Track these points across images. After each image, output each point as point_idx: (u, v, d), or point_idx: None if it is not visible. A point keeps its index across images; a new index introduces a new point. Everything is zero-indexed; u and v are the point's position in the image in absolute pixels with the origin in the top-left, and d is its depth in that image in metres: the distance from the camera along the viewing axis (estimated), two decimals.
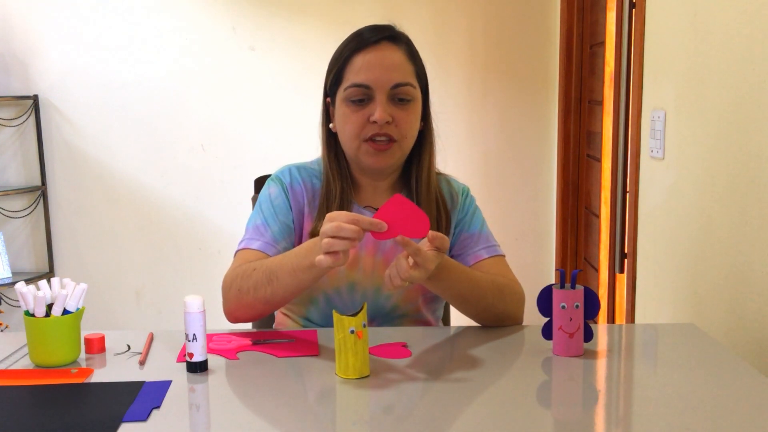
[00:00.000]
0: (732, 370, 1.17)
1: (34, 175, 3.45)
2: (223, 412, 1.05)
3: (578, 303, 1.22)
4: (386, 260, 1.44)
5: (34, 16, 3.35)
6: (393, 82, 1.36)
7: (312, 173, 1.49)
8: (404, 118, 1.38)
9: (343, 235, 1.14)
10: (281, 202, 1.45)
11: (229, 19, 3.34)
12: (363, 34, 1.40)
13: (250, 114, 3.41)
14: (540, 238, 3.45)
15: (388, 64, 1.37)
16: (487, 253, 1.47)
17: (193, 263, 3.48)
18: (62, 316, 1.21)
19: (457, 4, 3.32)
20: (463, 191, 1.53)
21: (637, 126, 2.06)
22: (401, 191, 1.48)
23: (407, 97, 1.38)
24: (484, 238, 1.49)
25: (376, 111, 1.35)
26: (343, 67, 1.39)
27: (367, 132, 1.37)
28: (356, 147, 1.39)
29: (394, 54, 1.38)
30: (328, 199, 1.43)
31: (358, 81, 1.36)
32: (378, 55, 1.37)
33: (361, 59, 1.37)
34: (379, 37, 1.38)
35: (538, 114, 3.39)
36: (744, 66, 1.44)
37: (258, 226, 1.43)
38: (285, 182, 1.46)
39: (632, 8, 2.11)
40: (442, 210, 1.47)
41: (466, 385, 1.14)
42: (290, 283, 1.28)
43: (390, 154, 1.39)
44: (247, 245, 1.41)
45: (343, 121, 1.40)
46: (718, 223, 1.56)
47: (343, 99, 1.39)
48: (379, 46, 1.38)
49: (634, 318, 2.13)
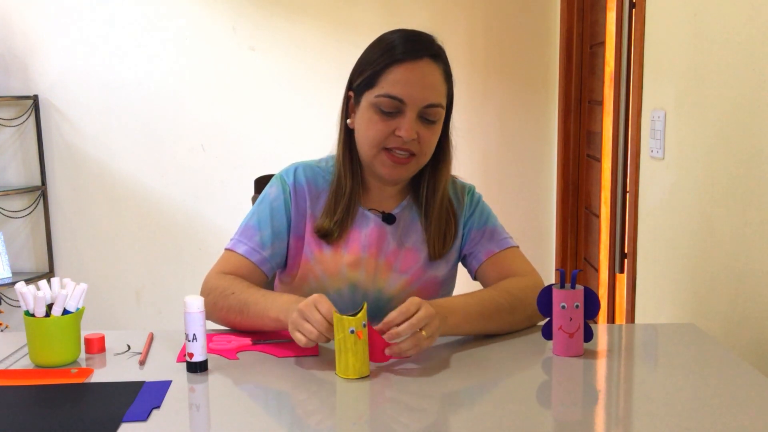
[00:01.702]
0: (732, 370, 1.17)
1: (34, 175, 3.45)
2: (223, 412, 1.05)
3: (578, 303, 1.22)
4: (388, 263, 1.44)
5: (34, 16, 3.35)
6: (427, 102, 1.35)
7: (318, 172, 1.48)
8: (428, 138, 1.38)
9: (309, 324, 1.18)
10: (279, 205, 1.45)
11: (229, 19, 3.34)
12: (406, 44, 1.36)
13: (250, 114, 3.41)
14: (540, 238, 3.45)
15: (426, 83, 1.35)
16: (498, 247, 1.48)
17: (193, 263, 3.48)
18: (62, 316, 1.21)
19: (457, 4, 3.32)
20: (468, 190, 1.54)
21: (637, 126, 2.06)
22: (409, 198, 1.49)
23: (435, 118, 1.38)
24: (494, 232, 1.50)
25: (404, 127, 1.34)
26: (379, 72, 1.36)
27: (390, 143, 1.36)
28: (374, 155, 1.38)
29: (433, 73, 1.37)
30: (336, 197, 1.43)
31: (393, 93, 1.34)
32: (418, 72, 1.35)
33: (401, 72, 1.34)
34: (423, 53, 1.36)
35: (538, 114, 3.39)
36: (744, 66, 1.44)
37: (250, 226, 1.45)
38: (288, 183, 1.46)
39: (632, 8, 2.11)
40: (452, 220, 1.48)
41: (467, 385, 1.14)
42: (256, 322, 1.33)
43: (406, 168, 1.39)
44: (234, 247, 1.44)
45: (366, 126, 1.38)
46: (718, 223, 1.56)
47: (373, 104, 1.36)
48: (421, 62, 1.35)
49: (634, 318, 2.13)
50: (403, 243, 1.46)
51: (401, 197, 1.49)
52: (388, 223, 1.46)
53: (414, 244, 1.46)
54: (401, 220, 1.47)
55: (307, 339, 1.18)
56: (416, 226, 1.47)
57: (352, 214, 1.44)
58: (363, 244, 1.44)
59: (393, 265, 1.45)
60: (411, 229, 1.47)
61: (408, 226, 1.47)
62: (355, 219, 1.45)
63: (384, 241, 1.45)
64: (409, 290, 1.45)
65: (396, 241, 1.46)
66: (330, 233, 1.42)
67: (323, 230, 1.43)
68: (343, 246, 1.44)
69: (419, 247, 1.46)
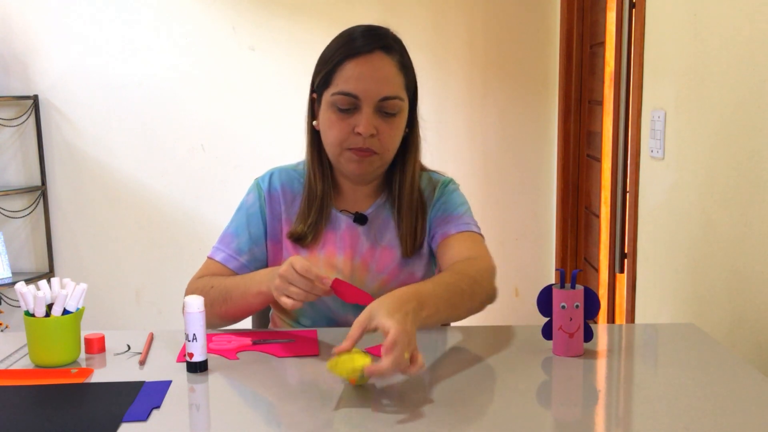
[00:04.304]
0: (732, 370, 1.17)
1: (34, 175, 3.45)
2: (223, 412, 1.05)
3: (578, 303, 1.22)
4: (364, 263, 1.44)
5: (34, 16, 3.35)
6: (381, 95, 1.34)
7: (293, 176, 1.49)
8: (387, 132, 1.37)
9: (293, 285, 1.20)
10: (255, 211, 1.47)
11: (229, 19, 3.34)
12: (356, 39, 1.36)
13: (250, 114, 3.41)
14: (540, 238, 3.45)
15: (378, 76, 1.34)
16: (456, 230, 1.42)
17: (193, 263, 3.44)
18: (62, 316, 1.21)
19: (457, 4, 3.32)
20: (443, 182, 1.50)
21: (637, 126, 2.06)
22: (382, 196, 1.48)
23: (393, 110, 1.36)
24: (458, 218, 1.44)
25: (361, 123, 1.33)
26: (332, 70, 1.36)
27: (351, 142, 1.36)
28: (338, 153, 1.38)
29: (385, 66, 1.35)
30: (309, 200, 1.44)
31: (346, 89, 1.34)
32: (369, 66, 1.34)
33: (352, 67, 1.34)
34: (373, 46, 1.35)
35: (538, 114, 3.39)
36: (744, 66, 1.44)
37: (228, 234, 1.48)
38: (263, 189, 1.48)
39: (632, 8, 2.11)
40: (420, 215, 1.45)
41: (466, 385, 1.14)
42: (241, 304, 1.36)
43: (370, 162, 1.38)
44: (213, 255, 1.48)
45: (327, 126, 1.39)
46: (718, 223, 1.56)
47: (330, 103, 1.37)
48: (372, 56, 1.34)
49: (634, 318, 2.13)
50: (378, 242, 1.45)
51: (375, 196, 1.48)
52: (359, 224, 1.46)
53: (389, 243, 1.46)
54: (375, 220, 1.47)
55: (294, 301, 1.20)
56: (390, 225, 1.46)
57: (326, 217, 1.44)
58: (338, 246, 1.45)
59: (369, 265, 1.44)
60: (385, 228, 1.46)
61: (382, 225, 1.47)
62: (329, 221, 1.45)
63: (357, 241, 1.45)
64: (387, 290, 1.38)
65: (370, 241, 1.45)
66: (304, 237, 1.43)
67: (296, 234, 1.43)
68: (318, 249, 1.44)
69: (394, 245, 1.45)
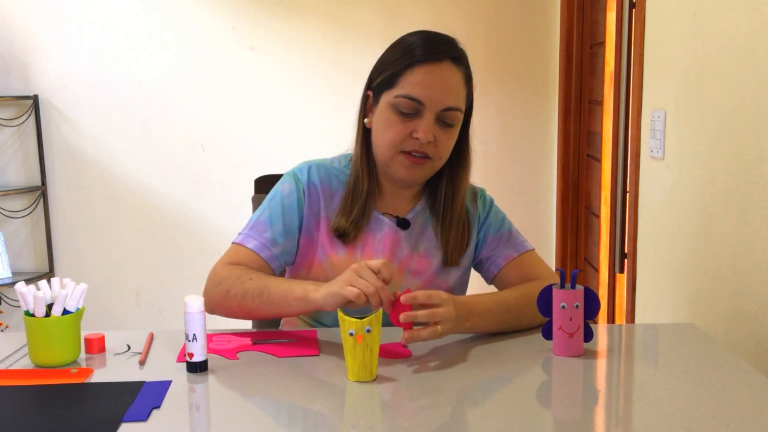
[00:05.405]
0: (732, 370, 1.17)
1: (34, 175, 3.45)
2: (223, 412, 1.05)
3: (578, 303, 1.22)
4: (402, 268, 1.43)
5: (34, 16, 3.35)
6: (445, 105, 1.34)
7: (332, 172, 1.46)
8: (444, 141, 1.37)
9: (363, 282, 1.20)
10: (292, 201, 1.43)
11: (229, 19, 3.34)
12: (427, 46, 1.36)
13: (250, 114, 3.41)
14: (540, 238, 3.45)
15: (445, 86, 1.35)
16: (517, 251, 1.47)
17: (193, 263, 3.48)
18: (62, 316, 1.21)
19: (457, 4, 3.32)
20: (480, 194, 1.53)
21: (637, 126, 2.06)
22: (421, 202, 1.48)
23: (453, 121, 1.37)
24: (511, 237, 1.49)
25: (421, 129, 1.33)
26: (399, 72, 1.35)
27: (407, 145, 1.35)
28: (391, 156, 1.37)
29: (454, 77, 1.36)
30: (353, 197, 1.42)
31: (412, 94, 1.33)
32: (439, 74, 1.34)
33: (421, 73, 1.34)
34: (444, 55, 1.35)
35: (538, 114, 3.39)
36: (744, 66, 1.44)
37: (260, 222, 1.42)
38: (302, 181, 1.44)
39: (632, 8, 2.11)
40: (466, 227, 1.47)
41: (467, 385, 1.14)
42: (278, 304, 1.31)
43: (422, 169, 1.38)
44: (244, 242, 1.41)
45: (384, 127, 1.37)
46: (718, 223, 1.56)
47: (391, 105, 1.35)
48: (442, 64, 1.34)
49: (634, 318, 2.13)
50: (416, 249, 1.45)
51: (414, 202, 1.48)
52: (402, 228, 1.45)
53: (426, 250, 1.45)
54: (414, 226, 1.46)
55: (359, 291, 1.18)
56: (429, 232, 1.46)
57: (367, 216, 1.43)
58: (377, 249, 1.43)
59: (406, 270, 1.44)
60: (423, 235, 1.46)
61: (421, 232, 1.46)
62: (370, 222, 1.43)
63: (399, 246, 1.44)
64: None
65: (410, 247, 1.45)
66: (346, 233, 1.41)
67: (340, 229, 1.41)
68: (358, 250, 1.42)
69: (432, 253, 1.45)
